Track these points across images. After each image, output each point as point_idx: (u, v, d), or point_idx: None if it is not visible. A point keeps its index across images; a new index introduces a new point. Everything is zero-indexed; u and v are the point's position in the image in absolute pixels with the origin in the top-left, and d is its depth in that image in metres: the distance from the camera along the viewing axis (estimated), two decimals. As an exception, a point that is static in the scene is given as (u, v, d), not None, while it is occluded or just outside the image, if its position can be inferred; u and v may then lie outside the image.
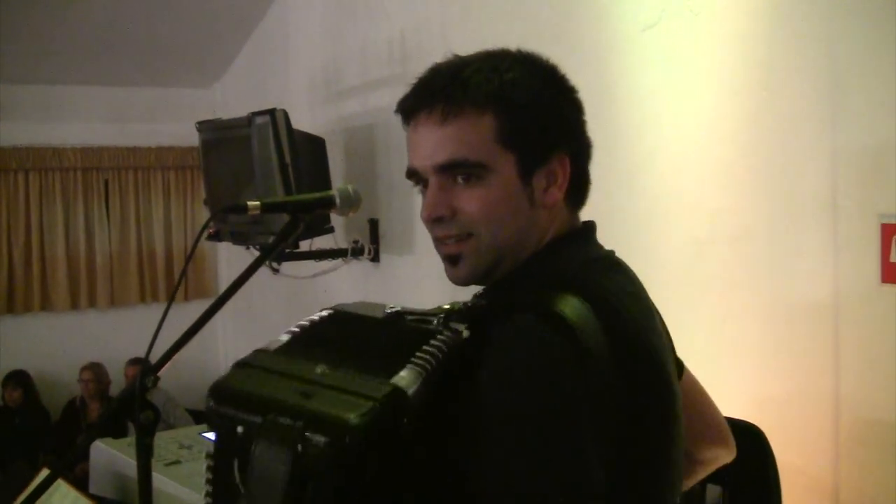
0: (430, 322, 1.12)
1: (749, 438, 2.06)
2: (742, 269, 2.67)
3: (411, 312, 1.17)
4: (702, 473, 1.47)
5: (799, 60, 2.50)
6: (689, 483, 1.45)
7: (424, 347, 1.06)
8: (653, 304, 1.27)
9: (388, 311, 1.18)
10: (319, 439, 0.99)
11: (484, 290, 1.22)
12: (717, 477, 2.01)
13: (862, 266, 2.32)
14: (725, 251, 2.71)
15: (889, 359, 2.25)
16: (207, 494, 1.17)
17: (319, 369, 1.09)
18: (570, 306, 1.06)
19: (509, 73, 1.17)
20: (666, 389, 1.18)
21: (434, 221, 1.19)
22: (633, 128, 2.93)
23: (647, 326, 1.19)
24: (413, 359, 1.04)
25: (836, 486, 2.41)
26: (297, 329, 1.24)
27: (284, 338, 1.23)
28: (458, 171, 1.16)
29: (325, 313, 1.27)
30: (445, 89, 1.16)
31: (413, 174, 1.24)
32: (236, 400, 1.11)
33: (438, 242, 1.21)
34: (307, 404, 1.03)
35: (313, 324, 1.24)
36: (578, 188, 1.22)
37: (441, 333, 1.09)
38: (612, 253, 1.27)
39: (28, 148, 6.06)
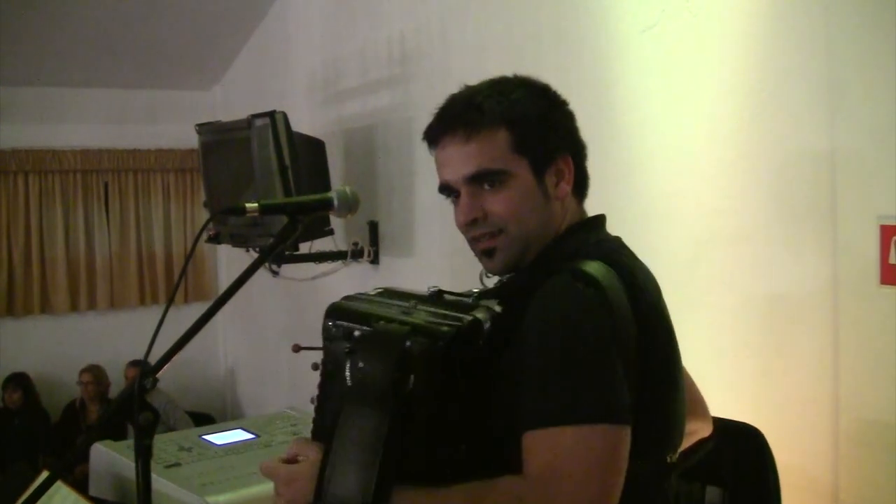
0: (468, 300, 1.38)
1: (748, 439, 2.06)
2: (741, 270, 2.67)
3: (448, 292, 1.44)
4: (684, 445, 1.61)
5: (798, 61, 2.50)
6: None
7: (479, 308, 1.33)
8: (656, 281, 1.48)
9: (431, 289, 1.44)
10: (421, 340, 1.25)
11: (516, 273, 1.46)
12: (716, 477, 2.01)
13: (861, 267, 2.32)
14: (725, 252, 2.71)
15: (888, 360, 2.25)
16: (318, 394, 1.45)
17: (413, 303, 1.37)
18: (596, 268, 1.31)
19: (513, 95, 1.44)
20: (671, 340, 1.42)
21: (469, 224, 1.45)
22: (633, 128, 2.93)
23: (655, 292, 1.43)
24: (475, 309, 1.32)
25: (835, 486, 2.40)
26: (370, 291, 1.50)
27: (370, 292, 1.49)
28: (484, 179, 1.42)
29: (380, 289, 1.51)
30: (464, 114, 1.42)
31: (445, 188, 1.48)
32: (352, 316, 1.40)
33: (474, 242, 1.47)
34: (410, 319, 1.32)
35: (379, 292, 1.49)
36: (581, 182, 1.50)
37: (480, 307, 1.34)
38: (619, 238, 1.52)
39: (28, 150, 6.07)
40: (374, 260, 4.62)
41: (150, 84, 6.24)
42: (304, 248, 4.52)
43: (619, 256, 1.41)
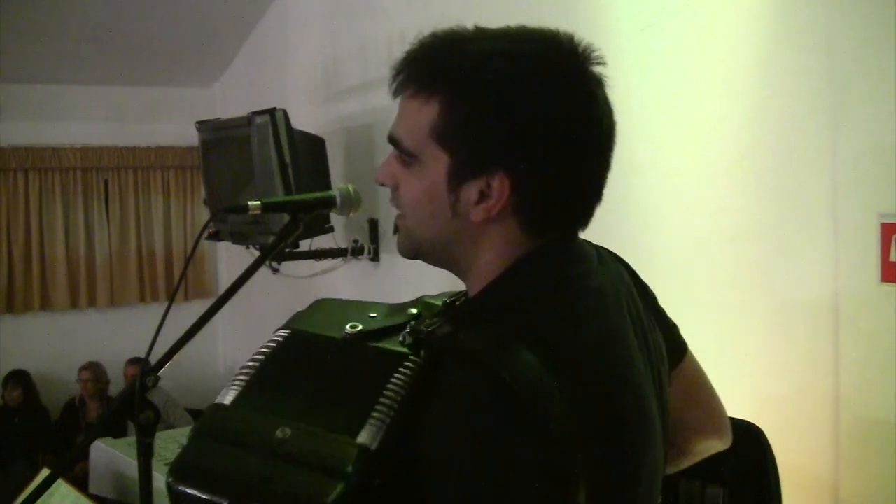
0: (396, 337, 1.08)
1: (749, 438, 2.06)
2: (742, 269, 2.67)
3: (374, 328, 1.12)
4: (687, 464, 1.40)
5: (799, 60, 2.49)
6: (672, 471, 1.37)
7: (386, 393, 1.01)
8: (631, 310, 1.18)
9: (349, 331, 1.12)
10: None
11: (453, 308, 1.16)
12: (717, 477, 2.01)
13: (862, 265, 2.32)
14: (725, 251, 2.71)
15: (889, 358, 2.25)
16: None
17: (280, 433, 1.02)
18: (521, 364, 0.97)
19: (485, 63, 1.05)
20: (633, 434, 1.08)
21: (380, 185, 1.14)
22: (633, 128, 2.92)
23: (615, 357, 1.10)
24: (373, 412, 0.99)
25: (835, 485, 2.41)
26: (252, 366, 1.15)
27: (240, 380, 1.14)
28: (396, 149, 1.11)
29: (280, 337, 1.21)
30: (413, 62, 1.09)
31: None
32: (200, 483, 1.05)
33: None
34: (275, 488, 0.99)
35: (268, 358, 1.16)
36: (533, 212, 1.07)
37: (404, 363, 1.04)
38: (584, 266, 1.13)
39: (28, 148, 6.07)
40: (375, 257, 4.62)
41: (150, 81, 6.24)
42: (305, 245, 4.52)
43: (561, 330, 1.05)
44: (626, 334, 1.13)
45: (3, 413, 5.86)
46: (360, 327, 1.12)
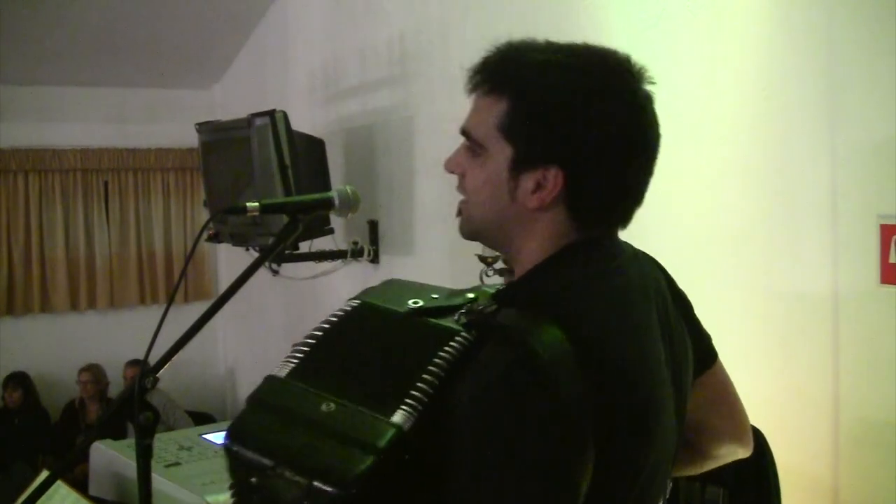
0: (451, 316, 1.19)
1: (749, 439, 2.06)
2: (741, 271, 2.67)
3: (432, 306, 1.23)
4: (709, 467, 1.50)
5: (798, 61, 2.50)
6: (694, 472, 1.51)
7: (430, 368, 1.10)
8: (661, 312, 1.29)
9: (411, 306, 1.24)
10: (327, 489, 1.07)
11: (499, 292, 1.25)
12: (717, 477, 2.01)
13: (861, 267, 2.32)
14: (725, 252, 2.71)
15: (888, 359, 2.25)
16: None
17: (325, 407, 1.14)
18: (550, 338, 1.08)
19: (550, 72, 1.18)
20: (653, 408, 1.19)
21: (448, 173, 1.30)
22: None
23: (639, 345, 1.20)
24: (412, 393, 1.09)
25: (835, 486, 2.40)
26: (315, 335, 1.28)
27: (299, 352, 1.27)
28: (467, 140, 1.25)
29: (350, 306, 1.31)
30: (485, 66, 1.22)
31: None
32: (251, 445, 1.18)
33: None
34: (313, 458, 1.11)
35: (333, 326, 1.28)
36: (582, 205, 1.20)
37: (455, 338, 1.14)
38: (621, 263, 1.27)
39: (28, 149, 6.07)
40: (374, 259, 4.62)
41: (150, 83, 6.24)
42: (304, 247, 4.52)
43: (595, 306, 1.18)
44: (649, 327, 1.24)
45: (3, 414, 5.86)
46: (422, 303, 1.24)
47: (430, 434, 1.08)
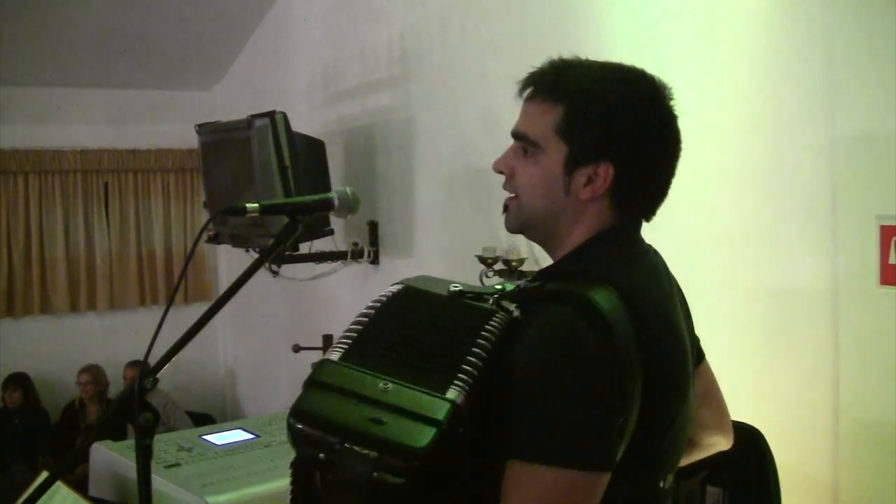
0: (487, 301, 1.36)
1: (748, 439, 2.06)
2: (741, 270, 2.67)
3: (470, 291, 1.40)
4: (697, 457, 1.65)
5: (797, 61, 2.50)
6: (684, 462, 1.61)
7: (478, 341, 1.26)
8: (676, 297, 1.49)
9: (452, 289, 1.39)
10: (395, 462, 1.18)
11: (535, 276, 1.45)
12: (717, 477, 2.01)
13: (861, 268, 2.33)
14: (724, 253, 2.71)
15: (888, 360, 2.25)
16: (292, 493, 1.33)
17: (382, 384, 1.25)
18: (604, 297, 1.26)
19: (600, 84, 1.38)
20: (677, 376, 1.38)
21: (497, 173, 1.44)
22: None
23: (669, 315, 1.41)
24: (462, 369, 1.23)
25: (835, 486, 2.41)
26: (362, 320, 1.36)
27: (349, 336, 1.34)
28: (523, 142, 1.40)
29: (395, 289, 1.43)
30: (542, 76, 1.41)
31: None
32: (316, 424, 1.25)
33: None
34: (380, 432, 1.20)
35: (380, 308, 1.38)
36: (625, 195, 1.40)
37: (495, 315, 1.31)
38: (647, 249, 1.48)
39: (28, 150, 6.07)
40: (374, 260, 4.63)
41: (150, 84, 6.25)
42: (304, 248, 4.52)
43: (634, 281, 1.35)
44: (675, 307, 1.45)
45: (3, 415, 5.86)
46: (461, 288, 1.40)
47: (485, 400, 1.22)
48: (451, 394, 1.20)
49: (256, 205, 1.43)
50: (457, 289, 1.40)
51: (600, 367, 1.22)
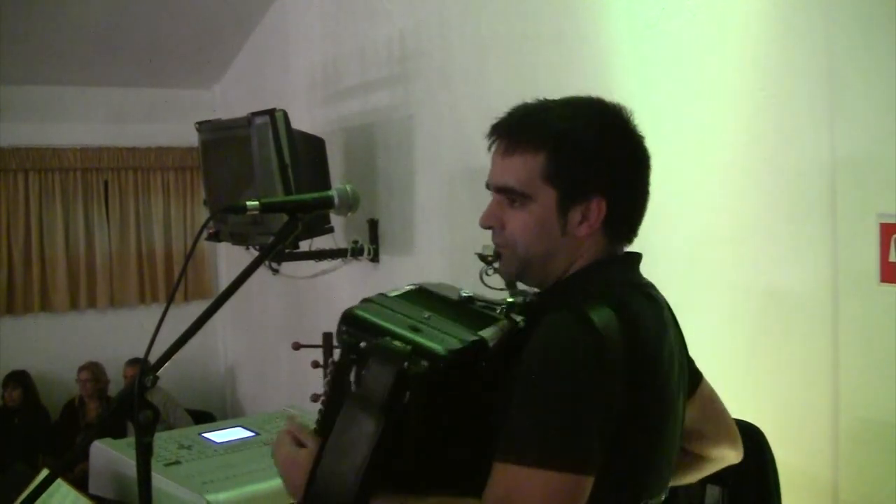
0: (495, 310, 1.44)
1: (749, 438, 2.06)
2: (741, 269, 2.67)
3: (480, 299, 1.49)
4: (709, 470, 1.72)
5: (798, 60, 2.50)
6: (697, 477, 1.73)
7: (499, 322, 1.38)
8: (671, 326, 1.50)
9: (463, 295, 1.49)
10: (421, 362, 1.28)
11: (541, 292, 1.49)
12: (717, 477, 2.01)
13: (861, 266, 2.32)
14: (725, 251, 2.71)
15: (888, 359, 2.25)
16: (325, 392, 1.48)
17: (427, 314, 1.39)
18: (600, 314, 1.30)
19: (571, 123, 1.42)
20: (665, 394, 1.41)
21: (486, 229, 1.48)
22: (633, 128, 2.93)
23: (660, 343, 1.42)
24: (494, 323, 1.37)
25: (835, 486, 2.41)
26: (403, 289, 1.50)
27: (398, 291, 1.49)
28: (508, 195, 1.43)
29: (409, 287, 1.52)
30: (514, 127, 1.44)
31: (487, 185, 1.49)
32: (363, 325, 1.39)
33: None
34: (415, 336, 1.33)
35: (407, 292, 1.50)
36: (617, 225, 1.46)
37: (503, 320, 1.40)
38: (648, 284, 1.51)
39: (28, 148, 6.07)
40: (374, 258, 4.63)
41: (150, 82, 6.25)
42: (304, 245, 4.52)
43: (631, 306, 1.38)
44: (668, 331, 1.47)
45: (3, 413, 5.86)
46: (471, 294, 1.49)
47: (500, 372, 1.32)
48: (486, 332, 1.33)
49: (257, 203, 1.43)
50: (467, 294, 1.49)
51: (588, 371, 1.26)
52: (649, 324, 1.40)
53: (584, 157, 1.41)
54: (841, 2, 2.38)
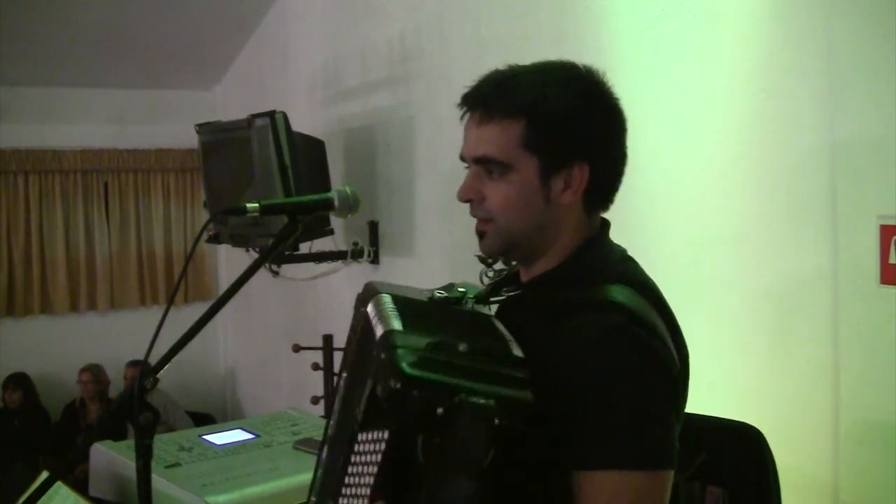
0: (466, 303, 1.40)
1: (748, 439, 2.06)
2: (741, 270, 2.67)
3: (452, 299, 1.42)
4: None
5: (797, 61, 2.50)
6: None
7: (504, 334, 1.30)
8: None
9: (438, 295, 1.42)
10: (509, 413, 1.17)
11: (532, 284, 1.43)
12: (717, 478, 2.01)
13: (861, 267, 2.32)
14: (724, 252, 2.71)
15: (888, 360, 2.25)
16: (376, 472, 1.26)
17: (462, 347, 1.23)
18: (638, 304, 1.30)
19: (547, 88, 1.36)
20: (687, 368, 1.41)
21: (464, 202, 1.42)
22: (632, 128, 2.93)
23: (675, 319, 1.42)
24: (498, 330, 1.30)
25: (835, 486, 2.40)
26: (382, 303, 1.34)
27: (389, 312, 1.30)
28: (487, 165, 1.37)
29: (383, 292, 1.38)
30: (489, 95, 1.39)
31: (461, 158, 1.44)
32: (428, 386, 1.21)
33: (474, 218, 1.43)
34: (489, 387, 1.19)
35: (395, 301, 1.35)
36: (596, 194, 1.41)
37: (493, 318, 1.36)
38: (624, 249, 1.47)
39: (28, 150, 6.07)
40: (375, 260, 4.62)
41: (150, 84, 6.25)
42: (304, 247, 4.52)
43: (645, 279, 1.40)
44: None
45: (3, 415, 5.86)
46: (445, 294, 1.42)
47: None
48: (518, 352, 1.25)
49: (256, 205, 1.43)
50: (442, 295, 1.43)
51: (668, 371, 1.29)
52: (660, 293, 1.41)
53: (564, 122, 1.36)
54: (841, 2, 2.38)
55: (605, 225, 1.48)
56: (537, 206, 1.37)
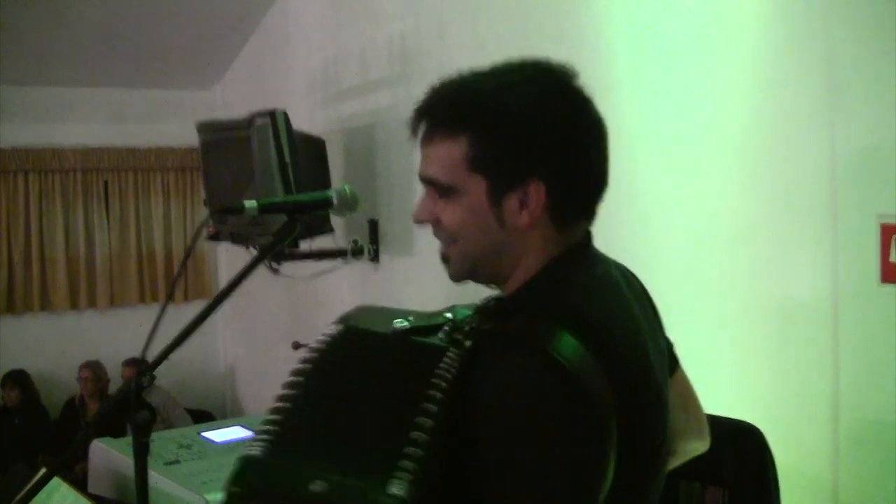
0: (436, 334, 1.21)
1: (748, 438, 2.06)
2: (741, 270, 2.67)
3: (418, 326, 1.24)
4: (676, 463, 1.53)
5: (798, 61, 2.49)
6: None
7: (429, 393, 1.10)
8: (643, 303, 1.36)
9: (397, 326, 1.24)
10: None
11: (489, 307, 1.28)
12: (717, 478, 2.01)
13: (861, 266, 2.32)
14: (724, 252, 2.71)
15: (888, 359, 2.25)
16: None
17: (314, 486, 1.08)
18: (565, 347, 1.11)
19: (494, 97, 1.21)
20: (657, 413, 1.25)
21: (418, 224, 1.29)
22: (632, 128, 2.93)
23: (639, 347, 1.25)
24: (405, 451, 1.07)
25: (835, 486, 2.40)
26: (298, 379, 1.21)
27: (285, 399, 1.18)
28: (433, 187, 1.25)
29: (332, 335, 1.28)
30: (433, 109, 1.25)
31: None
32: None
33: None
34: None
35: (315, 367, 1.23)
36: (565, 208, 1.24)
37: (447, 354, 1.16)
38: (606, 267, 1.31)
39: (28, 149, 6.06)
40: (374, 258, 4.63)
41: (150, 83, 6.24)
42: (305, 245, 4.52)
43: (598, 318, 1.19)
44: (642, 326, 1.29)
45: (3, 413, 5.86)
46: (407, 324, 1.25)
47: (445, 451, 1.09)
48: (396, 488, 1.04)
49: (254, 203, 1.43)
50: (402, 325, 1.25)
51: (578, 421, 1.09)
52: (620, 331, 1.22)
53: (512, 135, 1.20)
54: (841, 3, 2.38)
55: (586, 239, 1.30)
56: (492, 228, 1.23)
